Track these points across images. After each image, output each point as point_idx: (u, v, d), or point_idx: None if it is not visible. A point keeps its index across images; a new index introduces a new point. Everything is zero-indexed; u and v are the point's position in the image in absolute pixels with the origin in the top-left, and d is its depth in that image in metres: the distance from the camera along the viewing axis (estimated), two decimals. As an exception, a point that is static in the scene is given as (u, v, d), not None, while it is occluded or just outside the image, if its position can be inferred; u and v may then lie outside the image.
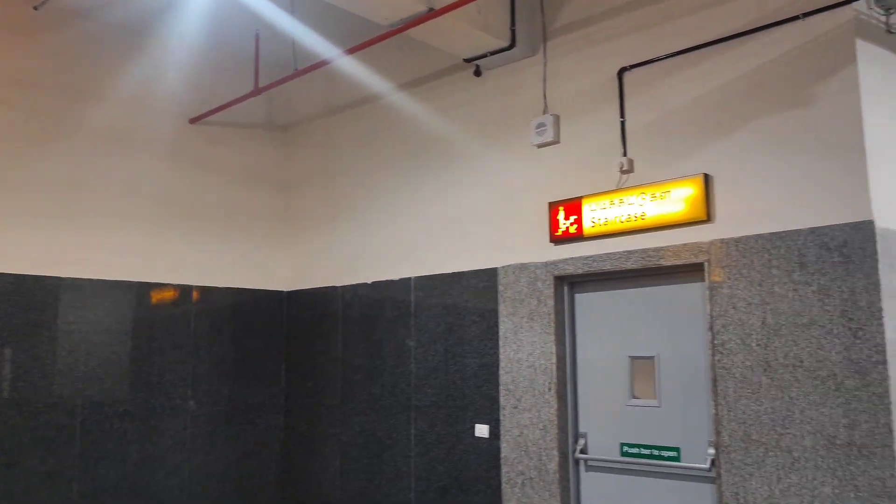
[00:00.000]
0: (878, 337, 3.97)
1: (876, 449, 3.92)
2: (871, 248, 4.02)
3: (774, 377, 4.31)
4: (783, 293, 4.31)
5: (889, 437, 3.89)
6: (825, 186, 4.22)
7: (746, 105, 4.59)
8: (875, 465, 3.92)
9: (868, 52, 4.27)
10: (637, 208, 4.98)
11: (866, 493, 3.94)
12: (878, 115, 4.23)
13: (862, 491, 3.95)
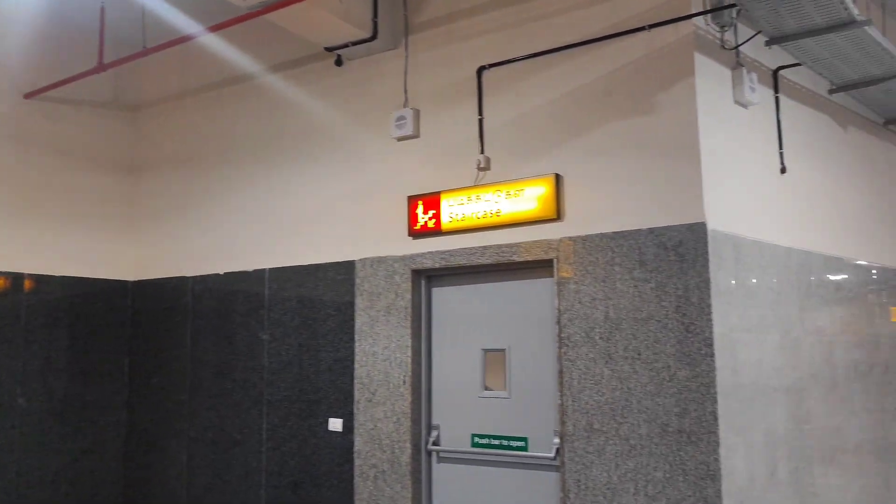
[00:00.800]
0: (707, 331, 4.26)
1: (703, 435, 4.22)
2: (703, 249, 4.32)
3: (615, 369, 4.54)
4: (624, 289, 4.55)
5: (714, 424, 4.19)
6: (664, 190, 4.49)
7: (596, 109, 4.79)
8: (702, 450, 4.22)
9: (705, 65, 4.57)
10: (493, 205, 5.09)
11: (693, 476, 4.23)
12: (713, 125, 4.54)
13: (689, 475, 4.24)
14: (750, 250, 4.67)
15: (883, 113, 6.28)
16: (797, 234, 5.17)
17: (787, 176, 5.15)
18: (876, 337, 5.87)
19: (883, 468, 5.69)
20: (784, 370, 4.83)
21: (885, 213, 6.32)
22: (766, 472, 4.54)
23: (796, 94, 5.43)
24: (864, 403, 5.58)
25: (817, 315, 5.25)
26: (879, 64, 5.24)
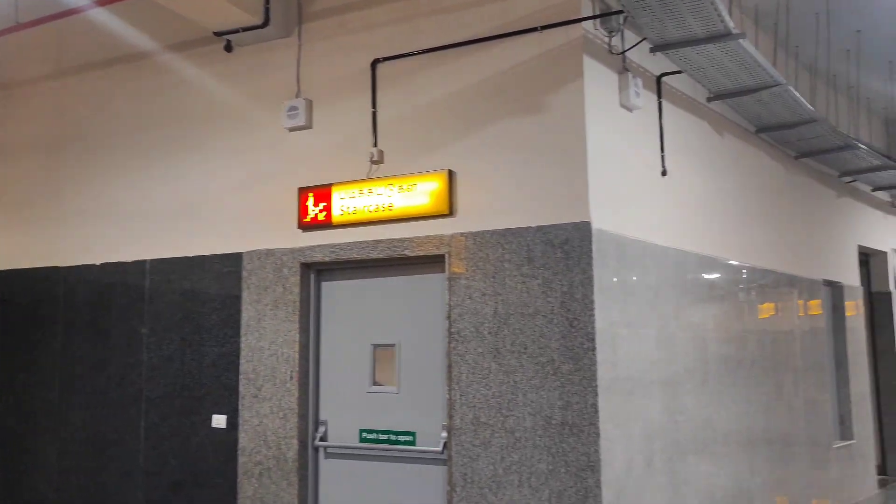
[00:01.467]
0: (589, 326, 4.40)
1: (584, 427, 4.35)
2: (588, 247, 4.45)
3: (502, 363, 4.61)
4: (513, 285, 4.63)
5: (595, 416, 4.34)
6: (552, 188, 4.59)
7: (489, 107, 4.85)
8: (583, 441, 4.35)
9: (593, 68, 4.71)
10: (385, 199, 5.07)
11: (575, 467, 4.36)
12: (599, 128, 4.69)
13: (571, 466, 4.37)
14: (631, 249, 4.85)
15: (755, 121, 6.67)
16: (675, 235, 5.42)
17: (668, 178, 5.39)
18: (745, 333, 6.23)
19: (748, 456, 6.06)
20: (660, 364, 5.05)
21: (755, 217, 6.72)
22: (643, 462, 4.73)
23: (678, 101, 5.68)
24: (732, 396, 5.92)
25: (692, 312, 5.52)
26: (752, 75, 5.56)
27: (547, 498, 4.41)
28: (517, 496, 4.49)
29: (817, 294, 7.79)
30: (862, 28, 7.31)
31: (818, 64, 7.75)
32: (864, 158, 7.80)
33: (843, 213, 8.71)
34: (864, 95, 8.99)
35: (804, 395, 7.18)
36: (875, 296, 9.75)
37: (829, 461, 7.62)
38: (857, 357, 8.60)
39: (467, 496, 4.62)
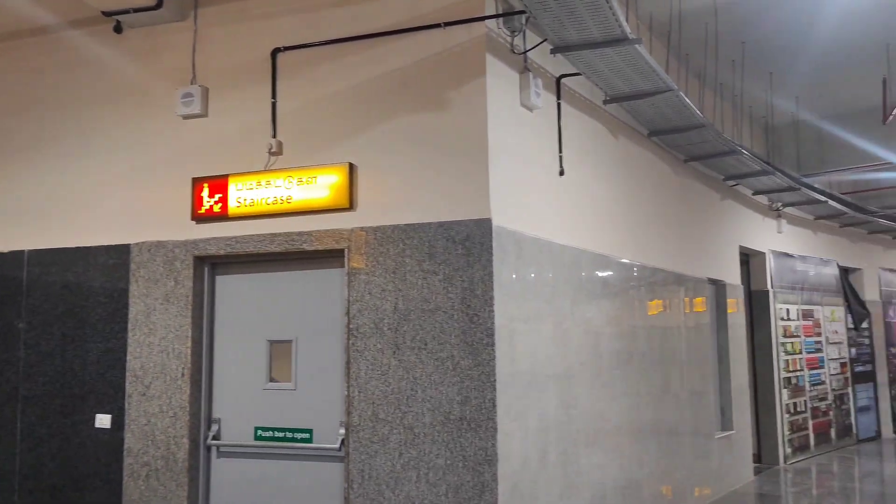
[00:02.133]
0: (489, 322, 4.45)
1: (482, 422, 4.40)
2: (488, 244, 4.50)
3: (402, 359, 4.60)
4: (414, 281, 4.62)
5: (493, 411, 4.39)
6: (454, 185, 4.61)
7: (392, 101, 4.82)
8: (481, 436, 4.40)
9: (496, 67, 4.75)
10: (284, 191, 4.96)
11: (472, 461, 4.40)
12: (501, 126, 4.74)
13: (469, 460, 4.41)
14: (530, 246, 4.93)
15: (648, 125, 6.92)
16: (571, 233, 5.55)
17: (565, 178, 5.51)
18: (635, 328, 6.47)
19: (637, 447, 6.29)
20: (556, 359, 5.16)
21: (646, 217, 6.97)
22: (538, 455, 4.83)
23: (576, 102, 5.82)
24: (623, 389, 6.13)
25: (586, 308, 5.67)
26: (647, 80, 5.76)
27: (444, 493, 4.43)
28: (415, 492, 4.49)
29: (702, 292, 8.17)
30: (746, 40, 7.72)
31: (706, 72, 8.12)
32: (746, 163, 8.23)
33: (727, 215, 9.17)
34: (748, 104, 9.50)
35: (689, 387, 7.52)
36: (754, 294, 10.33)
37: (711, 451, 8.01)
38: (737, 352, 9.09)
39: (365, 493, 4.59)
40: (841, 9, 7.00)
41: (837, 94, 9.35)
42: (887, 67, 8.17)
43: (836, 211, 11.10)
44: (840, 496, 8.55)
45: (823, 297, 11.65)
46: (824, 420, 11.20)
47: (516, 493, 4.53)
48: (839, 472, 9.94)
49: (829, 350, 11.59)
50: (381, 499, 4.55)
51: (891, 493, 8.76)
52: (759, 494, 8.42)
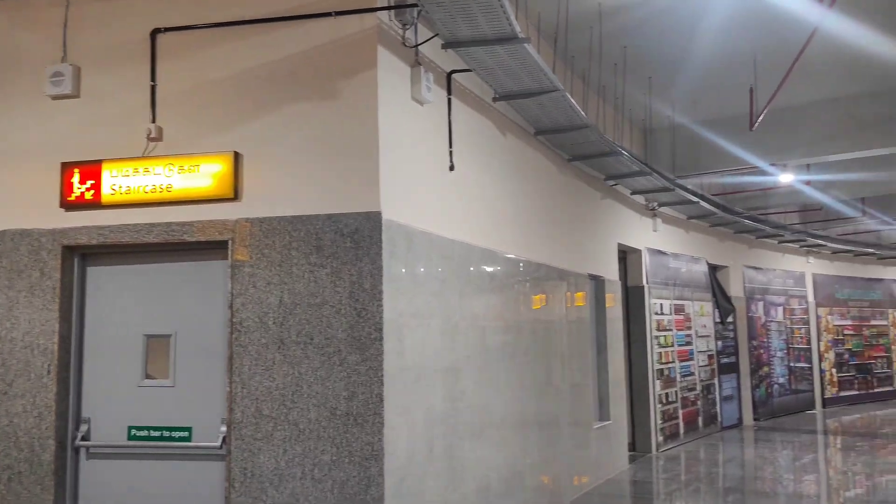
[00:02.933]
0: (377, 316, 4.42)
1: (369, 417, 4.37)
2: (378, 237, 4.46)
3: (287, 354, 4.50)
4: (300, 274, 4.53)
5: (380, 406, 4.37)
6: (343, 177, 4.55)
7: (280, 89, 4.69)
8: (367, 431, 4.36)
9: (387, 59, 4.72)
10: (164, 179, 4.74)
11: (358, 457, 4.36)
12: (391, 119, 4.71)
13: (355, 456, 4.36)
14: (420, 241, 4.94)
15: (534, 124, 7.07)
16: (460, 228, 5.60)
17: (455, 173, 5.55)
18: (520, 322, 6.60)
19: (520, 439, 6.43)
20: (444, 353, 5.19)
21: (532, 214, 7.13)
22: (425, 449, 4.85)
23: (466, 98, 5.87)
24: (508, 381, 6.24)
25: (474, 302, 5.74)
26: (535, 79, 5.88)
27: (330, 489, 4.37)
28: (299, 489, 4.40)
29: (583, 287, 8.45)
30: (628, 45, 8.02)
31: (590, 75, 8.38)
32: (625, 164, 8.56)
33: (607, 213, 9.52)
34: (628, 107, 9.88)
35: (570, 379, 7.76)
36: (631, 289, 10.78)
37: (590, 440, 8.30)
38: (615, 344, 9.46)
39: (247, 491, 4.46)
40: (715, 22, 7.39)
41: (710, 100, 9.89)
42: (754, 77, 8.71)
43: (707, 211, 11.74)
44: (706, 480, 9.06)
45: (694, 292, 12.30)
46: (693, 409, 11.84)
47: (403, 487, 4.53)
48: (705, 458, 10.54)
49: (698, 343, 12.26)
50: (265, 497, 4.44)
51: (749, 476, 9.37)
52: (634, 481, 8.81)
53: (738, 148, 10.32)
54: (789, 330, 15.73)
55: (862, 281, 18.24)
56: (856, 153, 10.09)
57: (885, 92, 9.60)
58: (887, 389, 18.06)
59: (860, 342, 17.68)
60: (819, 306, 16.77)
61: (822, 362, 16.59)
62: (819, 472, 9.86)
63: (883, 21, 7.36)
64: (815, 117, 10.06)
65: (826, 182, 13.12)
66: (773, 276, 15.49)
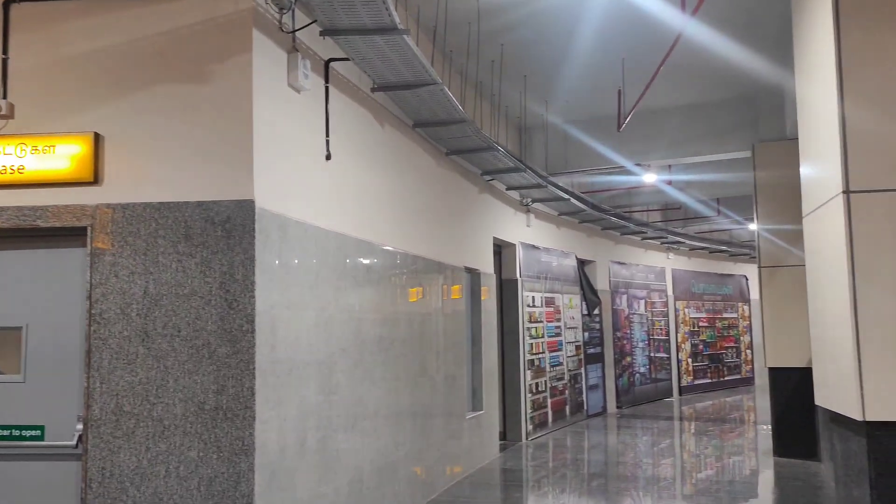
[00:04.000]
0: (249, 308, 4.30)
1: (239, 411, 4.25)
2: (251, 226, 4.34)
3: (152, 347, 4.30)
4: (167, 263, 4.34)
5: (252, 399, 4.25)
6: (216, 163, 4.39)
7: (147, 69, 4.47)
8: (237, 426, 4.24)
9: (263, 44, 4.58)
10: (15, 160, 4.41)
11: (227, 452, 4.23)
12: (267, 105, 4.58)
13: (224, 451, 4.23)
14: (295, 231, 4.84)
15: (413, 116, 7.09)
16: (336, 219, 5.53)
17: (332, 163, 5.48)
18: (396, 314, 6.61)
19: (393, 430, 6.45)
20: (318, 345, 5.12)
21: (410, 206, 7.15)
22: (297, 443, 4.77)
23: (344, 88, 5.80)
24: (383, 374, 6.24)
25: (350, 294, 5.69)
26: (413, 71, 5.88)
27: (196, 486, 4.22)
28: (163, 487, 4.22)
29: (459, 280, 8.56)
30: (505, 43, 8.18)
31: (468, 70, 8.49)
32: (501, 160, 8.74)
33: (483, 207, 9.69)
34: (504, 104, 10.09)
35: (445, 371, 7.86)
36: (505, 282, 11.04)
37: (463, 430, 8.44)
38: (489, 336, 9.66)
39: (105, 492, 4.23)
40: (589, 25, 7.66)
41: (582, 101, 10.26)
42: (623, 80, 9.11)
43: (577, 208, 12.19)
44: (572, 466, 9.43)
45: (563, 286, 12.75)
46: (561, 398, 12.29)
47: (274, 481, 4.44)
48: (572, 445, 10.97)
49: (566, 334, 12.73)
50: (125, 497, 4.23)
51: (612, 461, 9.83)
52: (504, 469, 9.04)
53: (606, 148, 10.77)
54: (650, 322, 16.60)
55: (715, 276, 19.51)
56: (712, 156, 10.76)
57: (740, 99, 10.30)
58: (736, 377, 19.43)
59: (713, 333, 18.92)
60: (677, 300, 17.80)
61: (680, 352, 17.63)
62: (675, 455, 10.48)
63: (741, 33, 7.88)
64: (676, 121, 10.66)
65: (686, 182, 13.95)
66: (636, 271, 16.30)
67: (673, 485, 8.42)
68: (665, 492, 8.01)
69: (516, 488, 8.24)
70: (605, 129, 10.68)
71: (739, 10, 7.50)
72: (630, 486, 8.19)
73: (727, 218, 15.87)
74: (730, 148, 10.40)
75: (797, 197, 5.45)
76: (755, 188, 9.70)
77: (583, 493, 7.91)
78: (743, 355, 19.89)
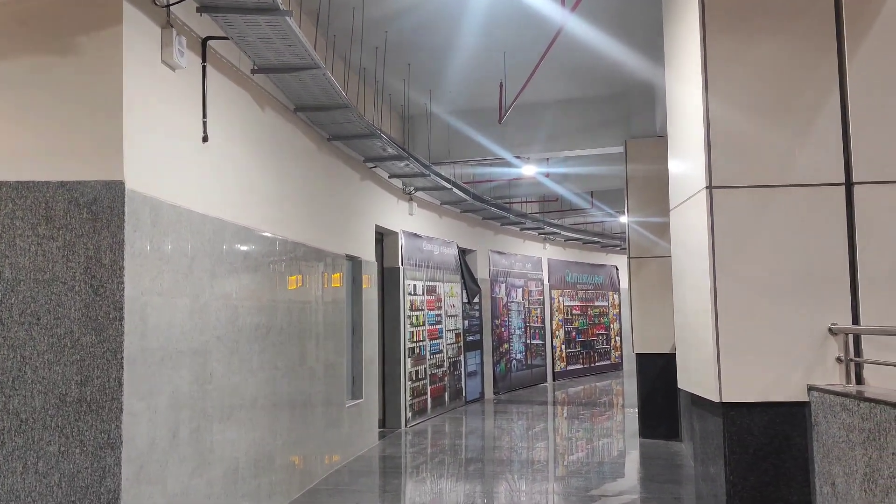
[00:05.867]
0: (118, 295, 4.09)
1: (105, 403, 4.04)
2: (120, 209, 4.12)
3: (8, 335, 4.02)
4: (26, 247, 4.06)
5: (119, 390, 4.06)
6: (82, 141, 4.14)
7: (6, 38, 4.14)
8: (103, 418, 4.04)
9: (135, 17, 4.35)
10: None
11: (92, 446, 4.02)
12: (138, 82, 4.36)
13: (88, 445, 4.02)
14: (168, 214, 4.64)
15: (294, 100, 6.94)
16: (213, 203, 5.35)
17: (209, 146, 5.28)
18: (275, 302, 6.48)
19: (271, 420, 6.33)
20: (192, 334, 4.95)
21: (291, 192, 7.01)
22: (169, 435, 4.59)
23: (223, 68, 5.60)
24: (261, 363, 6.11)
25: (226, 281, 5.52)
26: (295, 54, 5.76)
27: (57, 482, 3.99)
28: (20, 484, 3.96)
29: (340, 267, 8.49)
30: (389, 30, 8.15)
31: (351, 57, 8.41)
32: (384, 147, 8.72)
33: (366, 195, 9.64)
34: (387, 92, 10.06)
35: (324, 359, 7.78)
36: (386, 270, 11.04)
37: (342, 419, 8.40)
38: (369, 324, 9.64)
39: (-47, 493, 3.93)
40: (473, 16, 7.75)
41: (465, 92, 10.38)
42: (504, 73, 9.28)
43: (458, 198, 12.34)
44: (450, 452, 9.58)
45: (445, 274, 12.90)
46: (440, 385, 12.45)
47: (143, 475, 4.26)
48: (450, 431, 11.14)
49: (447, 322, 12.89)
50: (-24, 497, 3.94)
51: (489, 445, 10.06)
52: (383, 457, 9.07)
53: (487, 139, 10.95)
54: (527, 310, 17.08)
55: (588, 266, 20.31)
56: (586, 150, 11.17)
57: (614, 96, 10.73)
58: (606, 363, 20.33)
59: (585, 321, 19.70)
60: (552, 288, 18.40)
61: (554, 339, 18.25)
62: (548, 439, 10.85)
63: (616, 31, 8.19)
64: (554, 115, 10.98)
65: (562, 175, 14.41)
66: (515, 261, 16.72)
67: (546, 467, 8.73)
68: (539, 474, 8.29)
69: (395, 475, 8.29)
70: (487, 120, 10.86)
71: (615, 9, 7.80)
72: (505, 470, 8.42)
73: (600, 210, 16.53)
74: (604, 143, 10.81)
75: (664, 191, 5.74)
76: (626, 182, 10.15)
77: (460, 477, 8.06)
78: (613, 342, 20.82)
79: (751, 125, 4.35)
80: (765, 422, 4.15)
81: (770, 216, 4.29)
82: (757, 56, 4.38)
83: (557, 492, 7.42)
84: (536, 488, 7.61)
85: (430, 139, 11.29)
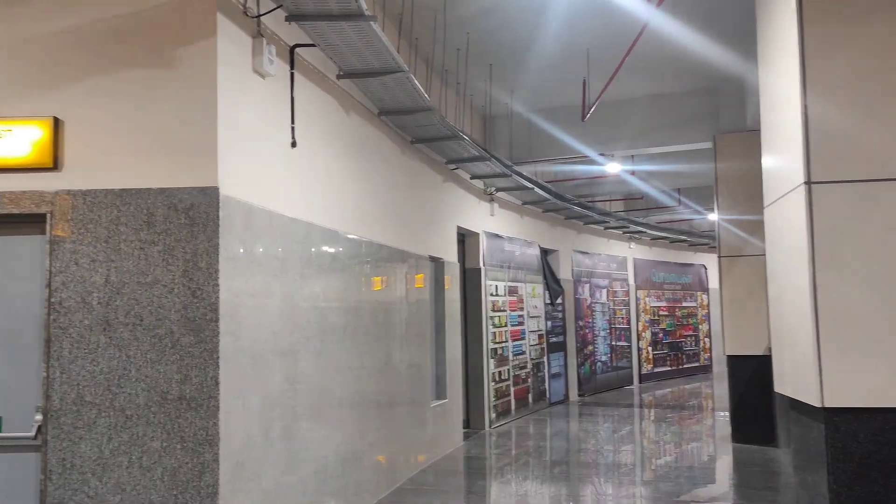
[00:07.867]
0: (213, 296, 4.23)
1: (203, 401, 4.19)
2: (215, 214, 4.27)
3: (114, 336, 4.22)
4: (129, 251, 4.25)
5: (216, 389, 4.20)
6: (179, 149, 4.31)
7: (107, 52, 4.36)
8: (201, 416, 4.19)
9: (227, 28, 4.50)
10: (-31, 144, 4.27)
11: (191, 442, 4.17)
12: (231, 91, 4.51)
13: (188, 441, 4.18)
14: (259, 219, 4.78)
15: (378, 104, 7.04)
16: (302, 207, 5.48)
17: (297, 150, 5.41)
18: (360, 303, 6.58)
19: (358, 420, 6.43)
20: (282, 334, 5.08)
21: (375, 195, 7.11)
22: (262, 433, 4.73)
23: (310, 74, 5.73)
24: (347, 363, 6.22)
25: (314, 283, 5.65)
26: (379, 59, 5.84)
27: (160, 477, 4.16)
28: (126, 478, 4.16)
29: (423, 269, 8.56)
30: (471, 31, 8.16)
31: (434, 58, 8.46)
32: (466, 149, 8.74)
33: (447, 196, 9.68)
34: (469, 93, 10.08)
35: (409, 359, 7.85)
36: (468, 271, 11.06)
37: (427, 419, 8.46)
38: (452, 325, 9.68)
39: (66, 483, 4.15)
40: (555, 14, 7.68)
41: (547, 90, 10.29)
42: (588, 70, 9.16)
43: (540, 197, 12.25)
44: (534, 454, 9.52)
45: (526, 275, 12.83)
46: (524, 387, 12.38)
47: (239, 471, 4.40)
48: (534, 433, 11.07)
49: (529, 323, 12.81)
50: (86, 488, 4.15)
51: (574, 448, 9.94)
52: (468, 457, 9.08)
53: (570, 137, 10.83)
54: (612, 311, 16.81)
55: (675, 266, 19.82)
56: (674, 146, 10.90)
57: (702, 91, 10.43)
58: (694, 365, 19.79)
59: (672, 322, 19.23)
60: (638, 289, 18.04)
61: (640, 341, 17.88)
62: (635, 442, 10.64)
63: (703, 24, 7.96)
64: (639, 111, 10.76)
65: (648, 173, 14.11)
66: (599, 260, 16.47)
67: (633, 471, 8.56)
68: (625, 478, 8.13)
69: (480, 476, 8.29)
70: (570, 118, 10.74)
71: (703, 2, 7.58)
72: (591, 473, 8.30)
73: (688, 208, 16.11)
74: (691, 139, 10.53)
75: (756, 188, 5.54)
76: (716, 179, 9.85)
77: (545, 479, 8.00)
78: (701, 343, 20.26)
79: (852, 116, 4.14)
80: (873, 429, 3.95)
81: (875, 211, 4.08)
82: (860, 40, 4.17)
83: (645, 496, 7.26)
84: (623, 492, 7.47)
85: (512, 139, 11.25)
